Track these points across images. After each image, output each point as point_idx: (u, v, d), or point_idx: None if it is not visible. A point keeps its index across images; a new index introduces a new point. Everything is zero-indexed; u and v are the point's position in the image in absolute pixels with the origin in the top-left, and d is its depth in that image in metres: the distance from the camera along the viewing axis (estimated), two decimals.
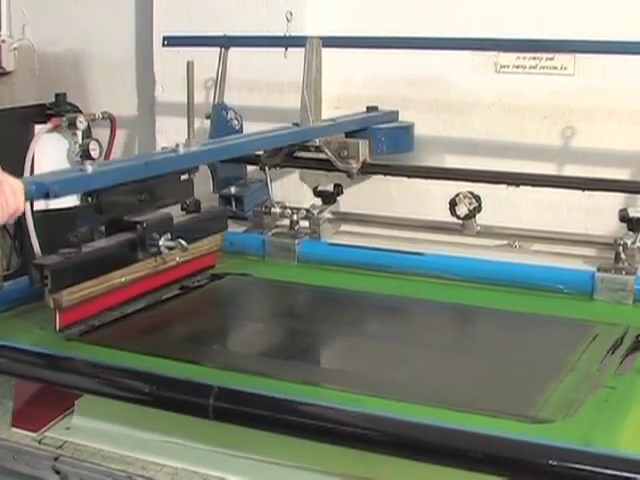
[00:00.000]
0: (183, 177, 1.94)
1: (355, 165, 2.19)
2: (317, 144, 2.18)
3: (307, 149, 2.22)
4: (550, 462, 1.10)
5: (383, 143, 2.28)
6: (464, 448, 1.16)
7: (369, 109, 2.39)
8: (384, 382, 1.42)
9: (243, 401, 1.27)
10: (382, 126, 2.33)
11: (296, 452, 1.29)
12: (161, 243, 1.72)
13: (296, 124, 2.16)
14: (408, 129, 2.38)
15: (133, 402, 1.37)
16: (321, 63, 2.16)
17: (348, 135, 2.27)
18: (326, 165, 2.22)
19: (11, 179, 1.44)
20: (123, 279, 1.69)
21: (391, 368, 1.50)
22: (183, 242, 1.73)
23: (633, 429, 1.23)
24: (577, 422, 1.24)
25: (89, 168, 1.66)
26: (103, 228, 1.73)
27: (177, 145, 1.82)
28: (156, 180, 1.80)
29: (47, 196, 1.50)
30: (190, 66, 1.88)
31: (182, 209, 1.90)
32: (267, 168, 2.31)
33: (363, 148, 2.20)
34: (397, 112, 2.43)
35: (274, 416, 1.25)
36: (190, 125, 1.93)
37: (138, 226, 1.71)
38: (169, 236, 1.73)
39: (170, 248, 1.73)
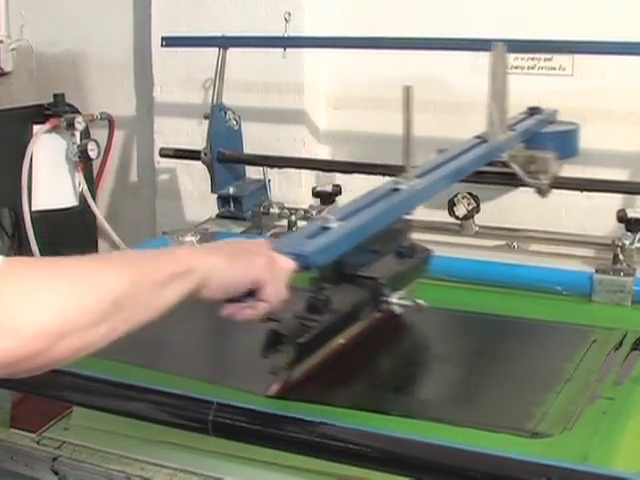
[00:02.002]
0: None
1: (545, 180, 1.99)
2: (503, 159, 1.98)
3: (490, 163, 1.99)
4: None
5: (549, 149, 2.05)
6: (463, 467, 1.16)
7: (532, 110, 2.21)
8: (377, 396, 1.41)
9: (243, 417, 1.27)
10: (548, 130, 2.16)
11: (301, 458, 1.28)
12: (394, 301, 1.47)
13: (479, 137, 1.97)
14: (574, 132, 2.18)
15: (129, 417, 1.37)
16: (506, 70, 1.99)
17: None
18: (512, 180, 2.03)
19: (281, 258, 1.21)
20: (342, 340, 1.44)
21: (385, 380, 1.50)
22: (422, 302, 1.47)
23: (631, 442, 1.22)
24: (575, 436, 1.23)
25: (334, 225, 1.36)
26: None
27: (396, 182, 1.56)
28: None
29: (307, 268, 1.26)
30: (409, 90, 1.59)
31: (397, 254, 1.60)
32: (265, 168, 2.32)
33: (553, 161, 1.98)
34: (556, 111, 2.26)
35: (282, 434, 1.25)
36: (408, 155, 1.60)
37: (372, 282, 1.45)
38: (403, 293, 1.49)
39: (402, 306, 1.48)
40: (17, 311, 0.87)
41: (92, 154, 2.81)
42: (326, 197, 2.21)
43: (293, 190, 2.55)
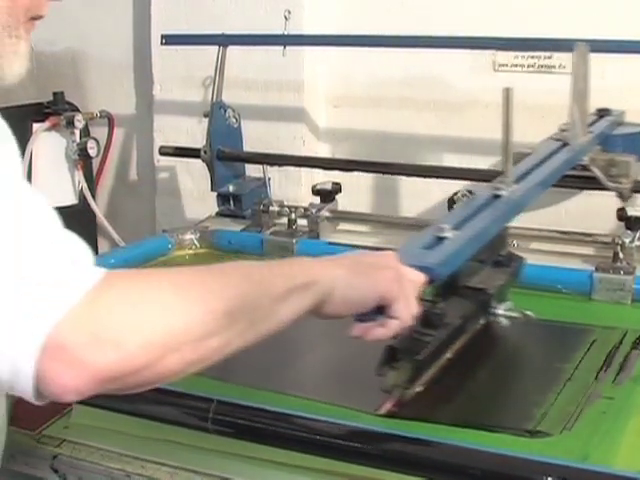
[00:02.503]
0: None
1: (627, 184, 1.92)
2: (584, 162, 1.90)
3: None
4: (549, 479, 1.10)
5: (620, 151, 1.99)
6: (463, 464, 1.16)
7: (600, 112, 2.13)
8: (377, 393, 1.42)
9: (242, 415, 1.28)
10: (618, 132, 2.09)
11: (301, 456, 1.27)
12: (500, 312, 1.43)
13: (557, 139, 1.90)
14: None
15: (130, 415, 1.37)
16: (588, 70, 1.91)
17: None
18: (592, 184, 1.98)
19: (409, 271, 1.12)
20: (449, 355, 1.38)
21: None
22: (531, 313, 1.42)
23: (631, 441, 1.22)
24: (575, 435, 1.23)
25: (449, 235, 1.29)
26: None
27: (496, 188, 1.52)
28: None
29: (432, 281, 1.19)
30: (508, 92, 1.52)
31: (495, 263, 1.53)
32: (265, 166, 2.32)
33: (635, 165, 1.92)
34: (623, 112, 2.19)
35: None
36: (507, 161, 1.54)
37: (481, 294, 1.40)
38: (510, 305, 1.44)
39: (509, 318, 1.43)
40: (118, 323, 0.84)
41: (92, 152, 2.81)
42: (326, 195, 2.21)
43: (293, 188, 2.55)
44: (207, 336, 0.89)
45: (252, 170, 2.38)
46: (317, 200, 2.21)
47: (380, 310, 1.09)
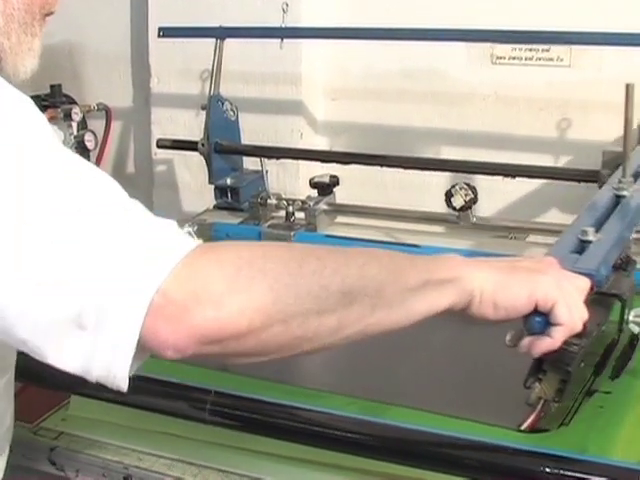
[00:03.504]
0: None
1: None
2: None
3: None
4: (546, 470, 1.11)
5: None
6: (460, 455, 1.17)
7: None
8: (379, 386, 1.42)
9: (240, 406, 1.28)
10: None
11: (299, 448, 1.28)
12: (631, 318, 1.37)
13: None
14: None
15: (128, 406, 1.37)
16: None
17: None
18: None
19: (572, 276, 1.06)
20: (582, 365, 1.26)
21: (386, 372, 1.49)
22: None
23: (629, 435, 1.22)
24: (573, 430, 1.23)
25: (592, 238, 1.25)
26: None
27: (617, 189, 1.47)
28: None
29: (592, 287, 1.10)
30: (629, 89, 1.48)
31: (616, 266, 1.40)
32: (262, 159, 2.32)
33: None
34: None
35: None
36: (627, 159, 1.48)
37: (615, 300, 1.33)
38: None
39: None
40: (218, 284, 0.83)
41: (89, 145, 2.80)
42: (324, 188, 2.20)
43: (290, 181, 2.55)
44: (318, 312, 0.86)
45: (250, 163, 2.38)
46: (315, 193, 2.21)
47: (545, 319, 1.02)
